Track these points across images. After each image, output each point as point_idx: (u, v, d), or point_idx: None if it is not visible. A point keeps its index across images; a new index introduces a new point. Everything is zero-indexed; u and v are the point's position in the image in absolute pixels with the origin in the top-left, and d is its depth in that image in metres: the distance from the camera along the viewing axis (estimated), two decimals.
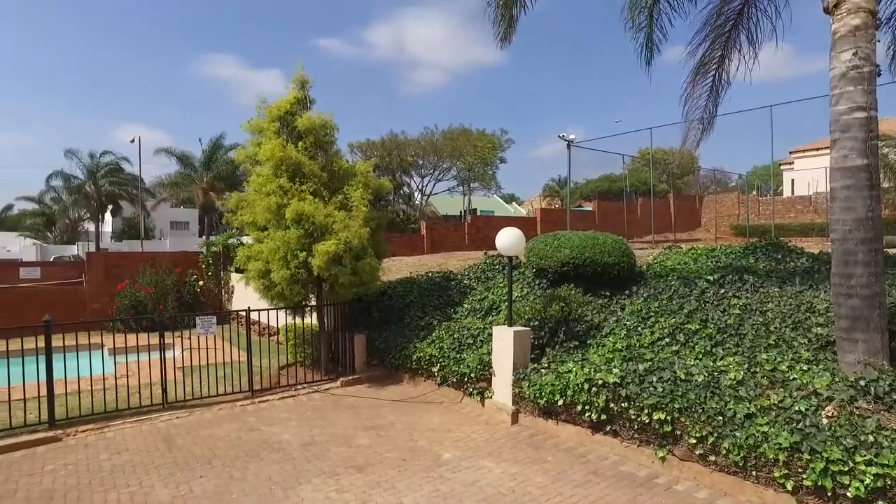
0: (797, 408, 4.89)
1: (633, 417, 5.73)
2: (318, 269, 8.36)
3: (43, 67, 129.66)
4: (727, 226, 25.88)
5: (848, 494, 4.24)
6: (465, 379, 7.80)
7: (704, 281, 7.90)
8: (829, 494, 4.35)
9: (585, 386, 6.16)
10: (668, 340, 6.82)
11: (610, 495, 5.03)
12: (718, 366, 5.92)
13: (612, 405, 5.93)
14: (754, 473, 4.81)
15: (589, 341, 7.39)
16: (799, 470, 4.51)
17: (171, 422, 7.24)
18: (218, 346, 9.39)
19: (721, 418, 5.11)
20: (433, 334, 8.93)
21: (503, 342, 7.20)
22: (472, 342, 8.25)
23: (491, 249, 12.80)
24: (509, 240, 7.22)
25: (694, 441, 5.22)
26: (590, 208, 28.96)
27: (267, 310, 8.87)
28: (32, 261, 29.83)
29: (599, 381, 6.06)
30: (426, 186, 46.82)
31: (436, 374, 8.37)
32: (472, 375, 7.67)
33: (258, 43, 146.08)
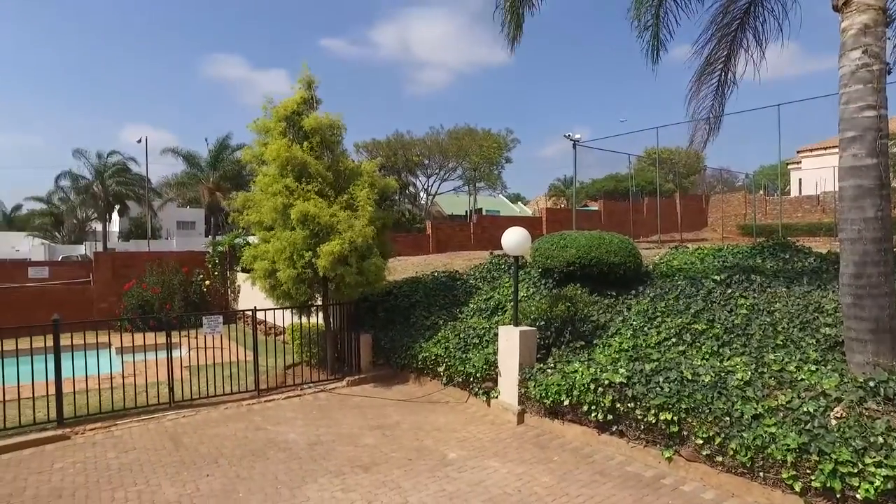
0: (805, 409, 4.85)
1: (640, 418, 5.71)
2: (324, 270, 8.38)
3: (46, 68, 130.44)
4: (734, 225, 25.71)
5: (857, 496, 4.20)
6: (471, 379, 7.79)
7: (711, 281, 7.87)
8: (839, 496, 4.32)
9: (591, 386, 6.15)
10: (675, 340, 6.80)
11: (616, 496, 5.01)
12: (725, 366, 5.89)
13: (619, 405, 5.91)
14: (762, 474, 4.79)
15: (595, 341, 7.37)
16: (807, 471, 4.48)
17: (178, 421, 7.28)
18: (224, 346, 9.44)
19: (728, 419, 5.09)
20: (439, 334, 8.92)
21: (509, 342, 7.19)
22: (478, 342, 8.24)
23: (496, 249, 12.78)
24: (515, 239, 7.21)
25: (701, 441, 5.20)
26: (595, 208, 28.85)
27: (273, 309, 8.90)
28: (41, 260, 30.06)
29: (606, 382, 6.05)
30: (432, 186, 46.91)
31: (441, 374, 8.37)
32: (478, 375, 7.67)
33: (263, 43, 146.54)
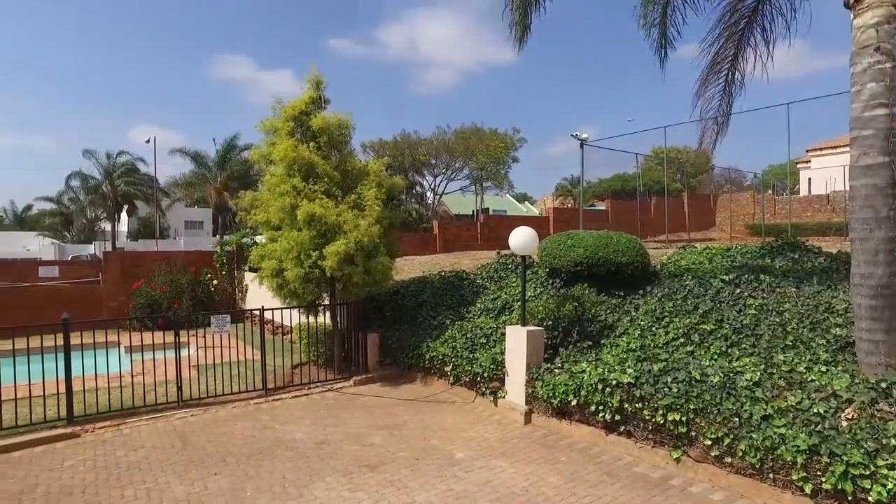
0: (816, 410, 4.81)
1: (648, 418, 5.69)
2: (331, 270, 8.39)
3: (53, 69, 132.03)
4: (742, 225, 25.53)
5: (869, 499, 4.16)
6: (478, 378, 7.78)
7: (720, 281, 7.82)
8: (850, 498, 4.28)
9: (599, 386, 6.12)
10: (683, 341, 6.76)
11: (624, 496, 4.99)
12: (734, 366, 5.85)
13: (627, 405, 5.89)
14: (771, 476, 4.75)
15: (602, 341, 7.35)
16: (818, 473, 4.45)
17: (186, 419, 7.31)
18: (232, 345, 9.47)
19: (737, 419, 5.05)
20: (446, 334, 8.92)
21: (516, 342, 7.18)
22: (485, 342, 8.23)
23: (503, 249, 12.77)
24: (522, 239, 7.19)
25: (709, 442, 5.17)
26: (603, 208, 28.76)
27: (280, 309, 8.92)
28: (51, 260, 30.30)
29: (613, 382, 6.02)
30: (438, 186, 46.84)
31: (448, 374, 8.37)
32: (485, 375, 7.66)
33: (270, 43, 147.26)
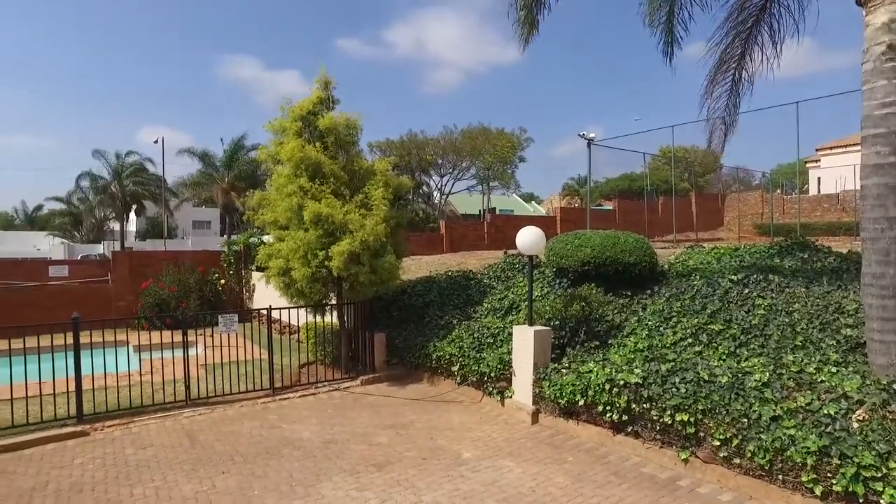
0: (826, 411, 4.76)
1: (656, 418, 5.66)
2: (337, 270, 8.41)
3: (60, 70, 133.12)
4: (750, 225, 25.35)
5: (881, 502, 4.12)
6: (485, 378, 7.78)
7: (728, 280, 7.77)
8: (861, 501, 4.24)
9: (607, 386, 6.10)
10: (691, 341, 6.73)
11: (632, 497, 4.97)
12: (743, 367, 5.81)
13: (634, 406, 5.86)
14: (781, 477, 4.72)
15: (610, 341, 7.32)
16: (828, 475, 4.41)
17: (194, 418, 7.35)
18: (240, 344, 9.52)
19: (746, 420, 5.01)
20: (453, 333, 8.92)
21: (523, 342, 7.17)
22: (492, 341, 8.22)
23: (510, 248, 12.75)
24: (530, 239, 7.18)
25: (718, 443, 5.14)
26: (610, 207, 28.64)
27: (288, 308, 8.95)
28: (61, 259, 30.55)
29: (621, 382, 6.00)
30: (445, 185, 46.86)
31: (455, 374, 8.37)
32: (492, 375, 7.65)
33: (277, 44, 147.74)
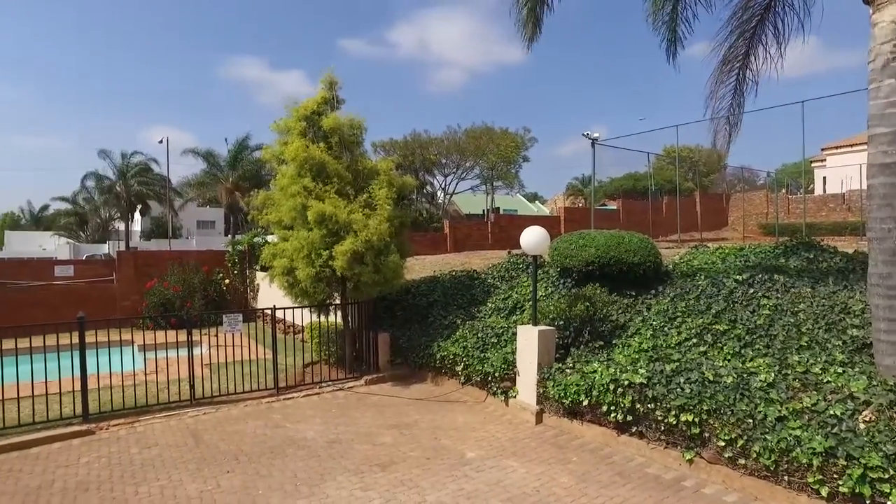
0: (832, 412, 4.74)
1: (660, 419, 5.64)
2: (341, 269, 8.42)
3: (68, 71, 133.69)
4: (755, 225, 25.26)
5: (889, 503, 4.10)
6: (489, 378, 7.77)
7: (733, 280, 7.74)
8: (868, 502, 4.21)
9: (611, 386, 6.09)
10: (696, 341, 6.71)
11: (636, 497, 4.96)
12: (748, 367, 5.79)
13: (639, 406, 5.85)
14: (786, 478, 4.69)
15: (614, 341, 7.30)
16: (834, 476, 4.39)
17: (199, 417, 7.37)
18: (244, 344, 9.53)
19: (751, 421, 5.00)
20: (457, 333, 8.91)
21: (527, 341, 7.16)
22: (497, 341, 8.21)
23: (514, 248, 12.74)
24: (534, 239, 7.17)
25: (723, 444, 5.12)
26: (614, 207, 28.61)
27: (292, 308, 8.97)
28: (66, 259, 30.69)
29: (625, 382, 5.98)
30: (449, 185, 46.86)
31: (459, 374, 8.36)
32: (496, 375, 7.64)
33: (281, 44, 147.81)
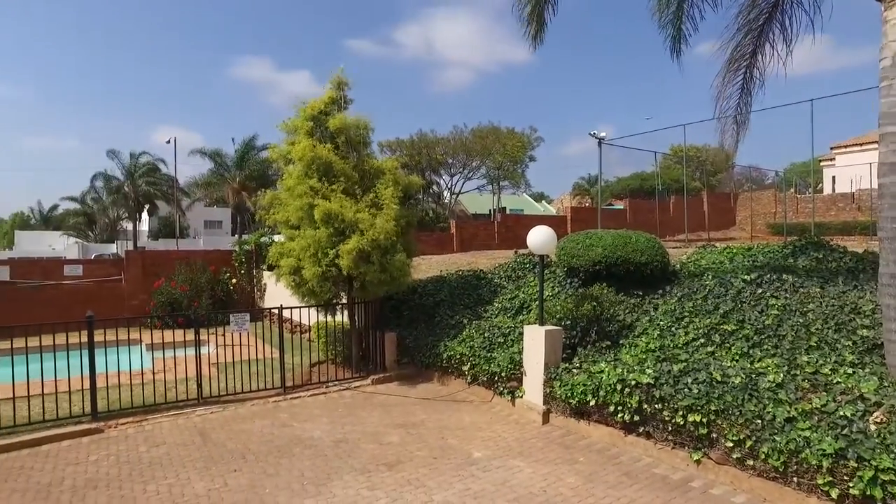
0: (842, 413, 4.69)
1: (668, 419, 5.62)
2: (347, 269, 8.43)
3: (75, 72, 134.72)
4: (763, 224, 25.10)
5: None
6: (496, 378, 7.76)
7: (741, 280, 7.69)
8: None
9: (618, 386, 6.06)
10: (704, 341, 6.67)
11: (643, 498, 4.94)
12: (756, 367, 5.75)
13: (646, 406, 5.82)
14: (795, 480, 4.66)
15: (621, 341, 7.28)
16: (845, 477, 4.35)
17: (206, 416, 7.41)
18: (251, 343, 9.57)
19: (760, 421, 4.96)
20: (463, 333, 8.90)
21: (534, 341, 7.14)
22: (503, 341, 8.20)
23: (521, 248, 12.73)
24: (540, 238, 7.16)
25: (731, 444, 5.09)
26: (621, 207, 28.47)
27: (299, 307, 8.99)
28: (75, 259, 30.93)
29: (632, 382, 5.96)
30: (455, 185, 46.84)
31: (466, 373, 8.35)
32: (503, 374, 7.63)
33: (288, 45, 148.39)
